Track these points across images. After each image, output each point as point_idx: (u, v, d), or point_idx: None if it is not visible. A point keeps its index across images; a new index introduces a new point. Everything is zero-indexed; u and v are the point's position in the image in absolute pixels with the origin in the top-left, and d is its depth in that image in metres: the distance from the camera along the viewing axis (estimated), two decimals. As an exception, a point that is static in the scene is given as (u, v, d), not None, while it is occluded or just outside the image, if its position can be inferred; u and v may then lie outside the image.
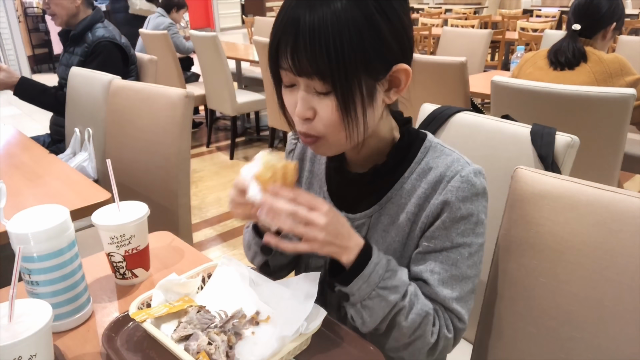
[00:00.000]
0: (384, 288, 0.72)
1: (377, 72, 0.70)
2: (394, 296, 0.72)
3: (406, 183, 0.80)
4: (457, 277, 0.76)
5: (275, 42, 0.69)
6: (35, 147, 1.75)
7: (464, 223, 0.76)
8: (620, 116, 1.66)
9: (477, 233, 0.77)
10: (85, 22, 2.27)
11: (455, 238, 0.76)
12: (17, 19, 7.55)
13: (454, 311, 0.77)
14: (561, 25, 5.68)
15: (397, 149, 0.80)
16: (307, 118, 0.71)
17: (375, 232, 0.82)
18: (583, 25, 1.90)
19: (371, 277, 0.71)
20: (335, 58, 0.64)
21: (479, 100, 4.03)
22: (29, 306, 0.70)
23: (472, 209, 0.76)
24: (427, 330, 0.74)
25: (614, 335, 0.75)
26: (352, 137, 0.71)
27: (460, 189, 0.75)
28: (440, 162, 0.78)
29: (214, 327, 0.77)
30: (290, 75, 0.70)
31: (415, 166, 0.80)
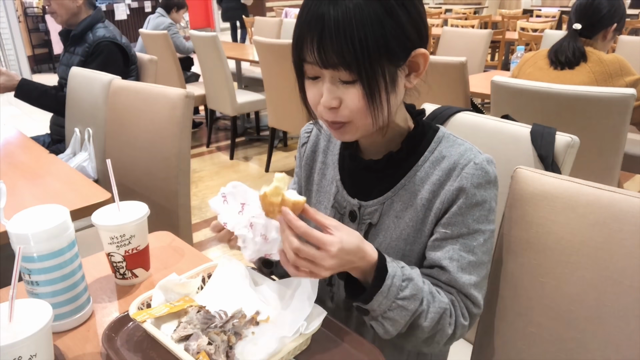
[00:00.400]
0: (403, 299, 0.72)
1: (398, 58, 0.74)
2: (414, 304, 0.73)
3: (420, 171, 0.82)
4: (474, 263, 0.78)
5: (300, 37, 0.72)
6: (35, 147, 1.75)
7: (479, 209, 0.78)
8: (620, 116, 1.66)
9: (490, 220, 0.79)
10: (86, 22, 2.27)
11: (472, 224, 0.78)
12: (17, 19, 7.55)
13: (471, 297, 0.78)
14: (561, 25, 5.68)
15: (410, 138, 0.83)
16: (333, 107, 0.75)
17: (387, 218, 0.84)
18: (584, 25, 1.90)
19: (390, 290, 0.71)
20: (360, 49, 0.68)
21: (479, 100, 4.03)
22: (29, 306, 0.70)
23: (485, 195, 0.78)
24: (445, 324, 0.76)
25: (614, 335, 0.75)
26: (377, 121, 0.75)
27: (475, 176, 0.77)
28: (454, 150, 0.81)
29: (214, 327, 0.77)
30: (315, 69, 0.74)
31: (429, 155, 0.82)
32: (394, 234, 0.83)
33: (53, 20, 2.38)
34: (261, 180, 3.54)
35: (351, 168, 0.89)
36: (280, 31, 5.00)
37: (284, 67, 3.12)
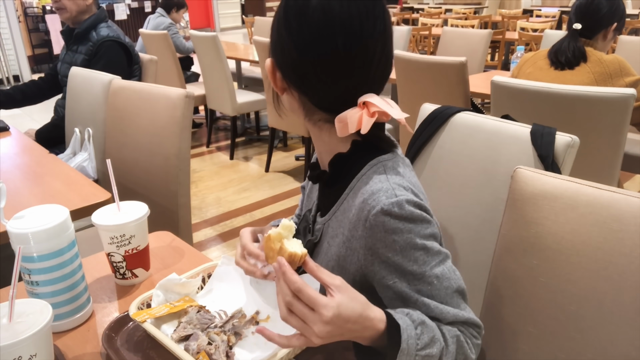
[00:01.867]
0: (424, 347, 0.66)
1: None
2: (436, 347, 0.67)
3: (345, 200, 0.78)
4: (447, 299, 0.71)
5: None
6: (35, 147, 1.75)
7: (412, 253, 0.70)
8: (620, 116, 1.66)
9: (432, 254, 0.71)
10: (90, 20, 2.28)
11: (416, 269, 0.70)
12: (17, 19, 7.54)
13: (468, 321, 0.73)
14: (561, 25, 5.68)
15: (338, 158, 0.79)
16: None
17: (324, 240, 0.82)
18: (584, 25, 1.90)
19: (409, 345, 0.65)
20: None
21: (479, 100, 4.03)
22: (29, 306, 0.70)
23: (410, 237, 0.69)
24: (467, 350, 0.71)
25: (614, 335, 0.75)
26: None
27: (385, 224, 0.69)
28: (369, 187, 0.73)
29: (214, 327, 0.77)
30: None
31: (355, 182, 0.77)
32: (324, 259, 0.80)
33: (53, 20, 2.40)
34: (261, 180, 3.54)
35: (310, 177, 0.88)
36: (280, 31, 4.98)
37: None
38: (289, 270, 0.61)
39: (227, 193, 3.35)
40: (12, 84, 7.29)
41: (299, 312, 0.61)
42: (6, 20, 7.32)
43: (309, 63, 0.71)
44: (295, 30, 0.71)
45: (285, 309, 0.61)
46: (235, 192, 3.37)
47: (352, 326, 0.62)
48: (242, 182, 3.52)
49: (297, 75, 0.74)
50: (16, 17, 7.50)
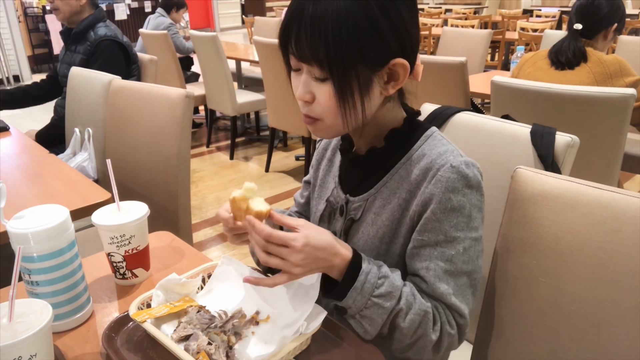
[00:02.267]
0: (378, 296, 0.72)
1: (374, 63, 0.73)
2: (390, 302, 0.73)
3: (401, 169, 0.81)
4: (452, 272, 0.76)
5: (283, 29, 0.74)
6: (35, 147, 1.75)
7: (457, 216, 0.75)
8: (620, 116, 1.66)
9: (471, 227, 0.77)
10: (88, 20, 2.28)
11: (449, 231, 0.76)
12: (17, 19, 7.54)
13: (453, 306, 0.77)
14: (561, 25, 5.67)
15: (394, 134, 0.83)
16: (306, 101, 0.76)
17: (368, 215, 0.84)
18: (584, 26, 1.91)
19: (364, 287, 0.72)
20: (333, 47, 0.69)
21: (479, 100, 4.03)
22: (29, 306, 0.70)
23: (463, 201, 0.75)
24: (428, 329, 0.75)
25: (614, 335, 0.75)
26: (348, 123, 0.75)
27: (450, 180, 0.75)
28: (435, 150, 0.79)
29: (214, 327, 0.77)
30: (294, 60, 0.75)
31: (412, 153, 0.81)
32: (371, 231, 0.83)
33: (53, 20, 2.42)
34: (261, 180, 3.54)
35: (343, 162, 0.91)
36: (280, 31, 4.99)
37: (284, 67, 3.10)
38: (257, 223, 0.69)
39: (227, 193, 3.34)
40: (12, 84, 7.29)
41: (275, 252, 0.69)
42: (6, 20, 7.32)
43: (414, 26, 0.75)
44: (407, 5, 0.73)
45: (263, 254, 0.70)
46: (235, 192, 3.36)
47: (322, 254, 0.70)
48: (242, 182, 3.48)
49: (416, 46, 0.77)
50: (16, 17, 7.50)
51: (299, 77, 0.76)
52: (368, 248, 0.83)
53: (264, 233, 0.68)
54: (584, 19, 1.91)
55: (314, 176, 0.99)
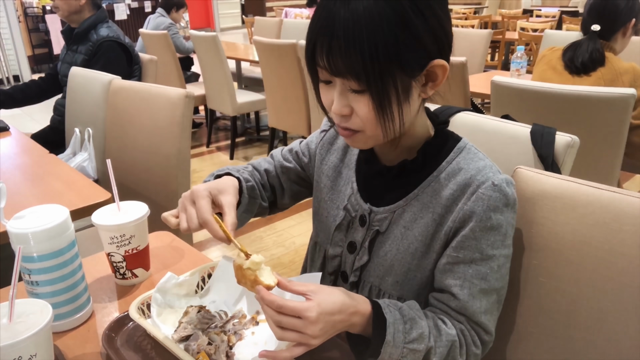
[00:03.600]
0: (411, 342, 0.70)
1: (413, 69, 0.69)
2: (423, 345, 0.70)
3: (434, 182, 0.78)
4: (485, 290, 0.75)
5: (312, 42, 0.70)
6: (36, 147, 1.75)
7: (494, 234, 0.74)
8: (620, 116, 1.66)
9: (505, 244, 0.75)
10: (90, 21, 2.28)
11: (486, 249, 0.74)
12: (17, 19, 7.54)
13: (482, 325, 0.75)
14: (561, 25, 5.68)
15: (428, 146, 0.80)
16: (345, 115, 0.72)
17: (396, 228, 0.80)
18: (602, 26, 1.84)
19: (395, 339, 0.68)
20: (370, 58, 0.65)
21: (479, 100, 4.03)
22: (29, 306, 0.70)
23: (502, 220, 0.74)
24: (456, 356, 0.73)
25: (614, 335, 0.75)
26: (388, 133, 0.72)
27: (492, 198, 0.73)
28: (472, 165, 0.77)
29: (214, 327, 0.77)
30: (326, 74, 0.71)
31: (446, 166, 0.78)
32: (401, 245, 0.80)
33: (53, 20, 2.41)
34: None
35: (366, 172, 0.87)
36: (280, 31, 4.99)
37: (284, 67, 3.12)
38: (267, 295, 0.65)
39: (227, 193, 3.34)
40: (12, 84, 7.29)
41: (289, 325, 0.64)
42: (6, 20, 7.32)
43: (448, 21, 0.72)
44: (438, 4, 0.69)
45: (277, 329, 0.65)
46: (235, 192, 3.36)
47: (339, 316, 0.66)
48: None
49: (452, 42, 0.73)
50: (16, 17, 7.50)
51: (330, 90, 0.73)
52: (398, 263, 0.80)
53: (275, 304, 0.64)
54: (601, 19, 1.84)
55: (318, 172, 0.94)
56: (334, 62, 0.67)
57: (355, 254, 0.85)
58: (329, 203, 0.91)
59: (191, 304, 0.84)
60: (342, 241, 0.87)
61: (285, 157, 0.99)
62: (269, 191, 0.98)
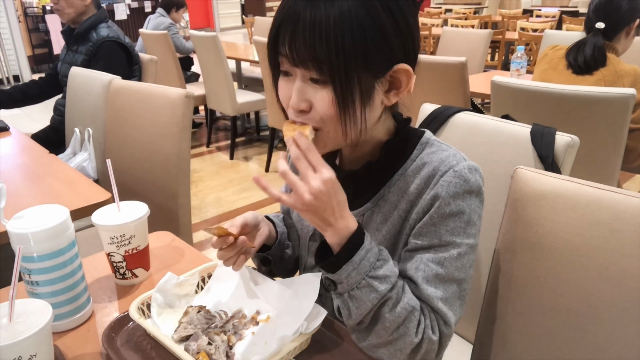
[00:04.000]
0: (374, 277, 0.67)
1: (377, 69, 0.69)
2: (384, 286, 0.68)
3: (400, 180, 0.78)
4: (442, 277, 0.72)
5: (275, 27, 0.68)
6: (36, 147, 1.75)
7: (454, 220, 0.72)
8: (620, 116, 1.66)
9: (468, 233, 0.73)
10: (90, 20, 2.28)
11: (444, 235, 0.72)
12: (17, 19, 7.54)
13: (440, 311, 0.72)
14: (561, 25, 5.68)
15: (390, 144, 0.79)
16: (302, 110, 0.70)
17: (367, 231, 0.78)
18: (606, 24, 1.84)
19: (361, 264, 0.67)
20: (335, 47, 0.64)
21: (479, 100, 4.03)
22: (29, 306, 0.70)
23: (463, 206, 0.72)
24: (411, 328, 0.69)
25: (614, 335, 0.75)
26: (348, 134, 0.70)
27: (452, 184, 0.72)
28: (435, 157, 0.76)
29: (214, 327, 0.77)
30: (287, 64, 0.69)
31: (410, 163, 0.78)
32: None
33: (53, 20, 2.40)
34: (261, 180, 3.54)
35: None
36: (280, 31, 4.98)
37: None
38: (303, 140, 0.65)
39: (227, 193, 3.35)
40: (12, 84, 7.29)
41: (302, 168, 0.64)
42: (6, 20, 7.32)
43: (416, 28, 0.72)
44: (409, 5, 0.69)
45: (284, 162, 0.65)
46: (235, 192, 3.37)
47: (334, 203, 0.66)
48: (242, 182, 3.52)
49: (418, 50, 0.74)
50: (16, 17, 7.50)
51: (289, 84, 0.71)
52: None
53: (304, 145, 0.64)
54: (606, 18, 1.84)
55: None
56: (297, 49, 0.66)
57: None
58: (299, 216, 0.92)
59: (191, 304, 0.84)
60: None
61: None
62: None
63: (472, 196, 0.73)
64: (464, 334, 1.16)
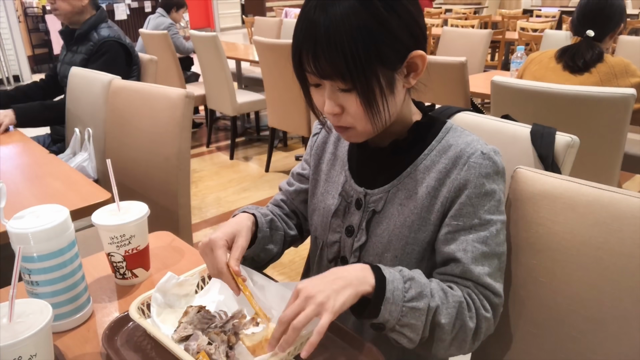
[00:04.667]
0: (411, 299, 0.71)
1: (393, 62, 0.75)
2: (424, 302, 0.71)
3: (426, 160, 0.83)
4: (487, 254, 0.77)
5: (297, 50, 0.75)
6: (36, 147, 1.75)
7: (489, 200, 0.78)
8: (620, 116, 1.66)
9: (500, 210, 0.80)
10: (91, 21, 2.28)
11: (483, 215, 0.78)
12: (17, 19, 7.54)
13: (489, 286, 0.77)
14: (561, 25, 5.68)
15: (417, 126, 0.85)
16: (336, 114, 0.78)
17: (392, 206, 0.84)
18: (595, 30, 1.91)
19: (395, 296, 0.70)
20: (352, 59, 0.70)
21: (479, 100, 4.03)
22: (29, 306, 0.70)
23: (494, 186, 0.79)
24: (466, 318, 0.74)
25: (614, 335, 0.75)
26: (377, 126, 0.78)
27: (482, 166, 0.78)
28: (461, 140, 0.82)
29: (214, 327, 0.77)
30: (315, 78, 0.76)
31: (436, 144, 0.83)
32: (397, 221, 0.83)
33: (53, 20, 2.39)
34: (261, 180, 3.54)
35: (359, 157, 0.91)
36: (280, 31, 5.00)
37: (284, 67, 3.11)
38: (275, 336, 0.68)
39: (227, 193, 3.35)
40: (12, 84, 7.28)
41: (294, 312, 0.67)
42: (6, 20, 7.32)
43: (420, 14, 0.77)
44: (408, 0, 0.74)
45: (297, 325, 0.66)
46: (235, 192, 3.37)
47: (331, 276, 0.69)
48: (242, 182, 3.52)
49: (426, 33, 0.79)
50: (16, 17, 7.50)
51: (321, 92, 0.78)
52: (395, 238, 0.83)
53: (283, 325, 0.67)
54: (595, 25, 1.92)
55: (315, 171, 0.98)
56: (321, 67, 0.72)
57: (353, 236, 0.88)
58: (324, 195, 0.95)
59: (191, 304, 0.84)
60: (340, 227, 0.91)
61: (289, 183, 1.05)
62: (294, 219, 1.03)
63: (499, 177, 0.80)
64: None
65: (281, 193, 1.06)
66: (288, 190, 1.03)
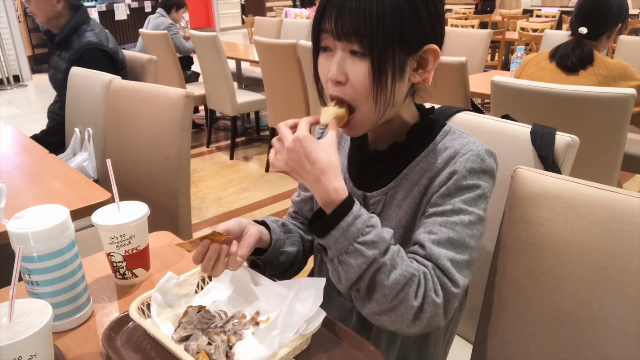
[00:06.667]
0: (362, 243, 0.69)
1: (410, 46, 0.76)
2: (372, 252, 0.69)
3: (422, 161, 0.83)
4: (454, 240, 0.74)
5: (322, 6, 0.76)
6: (36, 147, 1.75)
7: (468, 192, 0.77)
8: (620, 116, 1.66)
9: (478, 205, 0.77)
10: (70, 25, 2.18)
11: (458, 203, 0.76)
12: (17, 19, 7.54)
13: (447, 271, 0.72)
14: (561, 25, 5.68)
15: (416, 128, 0.85)
16: (339, 82, 0.77)
17: (390, 208, 0.84)
18: (589, 29, 1.91)
19: (349, 230, 0.69)
20: (377, 21, 0.71)
21: (479, 100, 4.03)
22: (29, 306, 0.70)
23: (478, 183, 0.77)
24: (410, 292, 0.69)
25: (614, 335, 0.75)
26: (380, 107, 0.77)
27: (469, 161, 0.77)
28: (457, 142, 0.82)
29: (214, 327, 0.77)
30: (329, 39, 0.76)
31: (433, 147, 0.83)
32: (394, 222, 0.83)
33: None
34: (261, 180, 3.54)
35: (358, 160, 0.91)
36: (280, 31, 4.99)
37: (284, 67, 3.12)
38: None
39: (227, 193, 3.35)
40: (12, 84, 7.28)
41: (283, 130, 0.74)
42: (6, 20, 7.32)
43: (443, 15, 0.80)
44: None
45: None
46: (235, 192, 3.37)
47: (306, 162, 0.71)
48: (242, 182, 3.53)
49: (444, 34, 0.81)
50: (16, 17, 7.50)
51: (330, 58, 0.77)
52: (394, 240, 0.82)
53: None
54: (589, 22, 1.91)
55: None
56: (342, 23, 0.72)
57: None
58: None
59: (191, 304, 0.84)
60: None
61: (297, 194, 1.05)
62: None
63: (486, 175, 0.78)
64: (464, 334, 1.16)
65: (292, 205, 1.06)
66: (296, 200, 1.04)
